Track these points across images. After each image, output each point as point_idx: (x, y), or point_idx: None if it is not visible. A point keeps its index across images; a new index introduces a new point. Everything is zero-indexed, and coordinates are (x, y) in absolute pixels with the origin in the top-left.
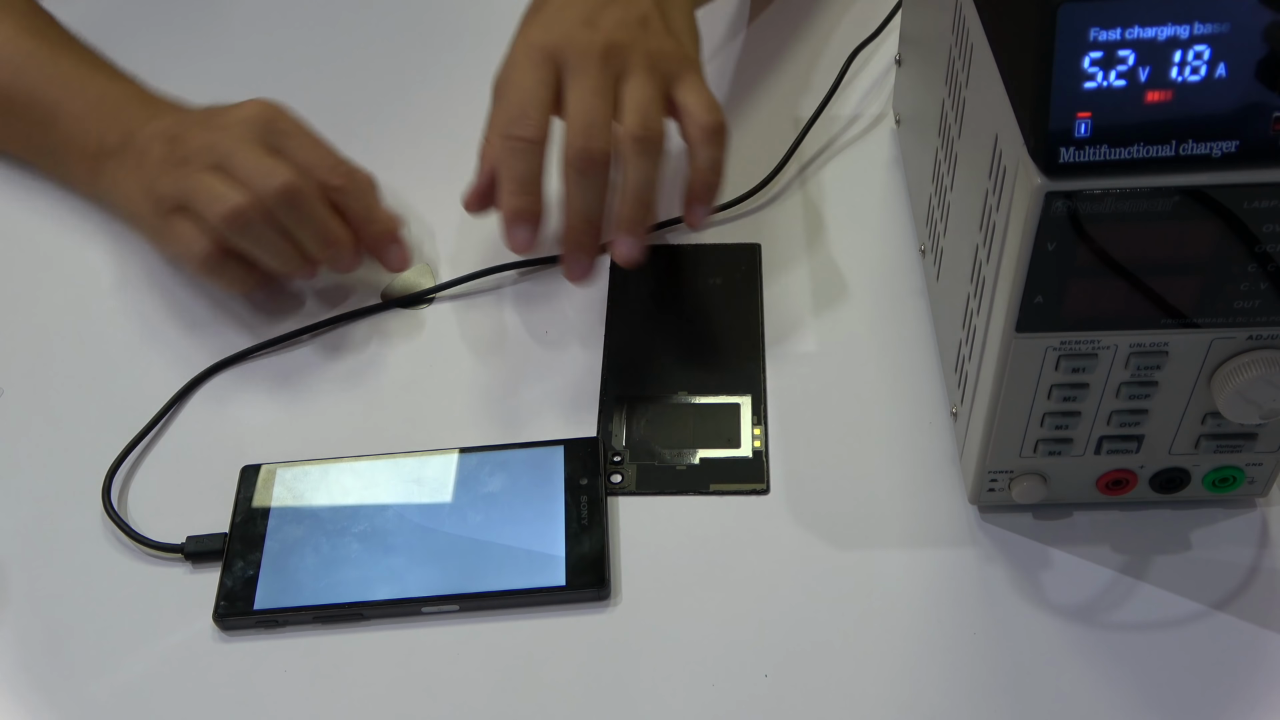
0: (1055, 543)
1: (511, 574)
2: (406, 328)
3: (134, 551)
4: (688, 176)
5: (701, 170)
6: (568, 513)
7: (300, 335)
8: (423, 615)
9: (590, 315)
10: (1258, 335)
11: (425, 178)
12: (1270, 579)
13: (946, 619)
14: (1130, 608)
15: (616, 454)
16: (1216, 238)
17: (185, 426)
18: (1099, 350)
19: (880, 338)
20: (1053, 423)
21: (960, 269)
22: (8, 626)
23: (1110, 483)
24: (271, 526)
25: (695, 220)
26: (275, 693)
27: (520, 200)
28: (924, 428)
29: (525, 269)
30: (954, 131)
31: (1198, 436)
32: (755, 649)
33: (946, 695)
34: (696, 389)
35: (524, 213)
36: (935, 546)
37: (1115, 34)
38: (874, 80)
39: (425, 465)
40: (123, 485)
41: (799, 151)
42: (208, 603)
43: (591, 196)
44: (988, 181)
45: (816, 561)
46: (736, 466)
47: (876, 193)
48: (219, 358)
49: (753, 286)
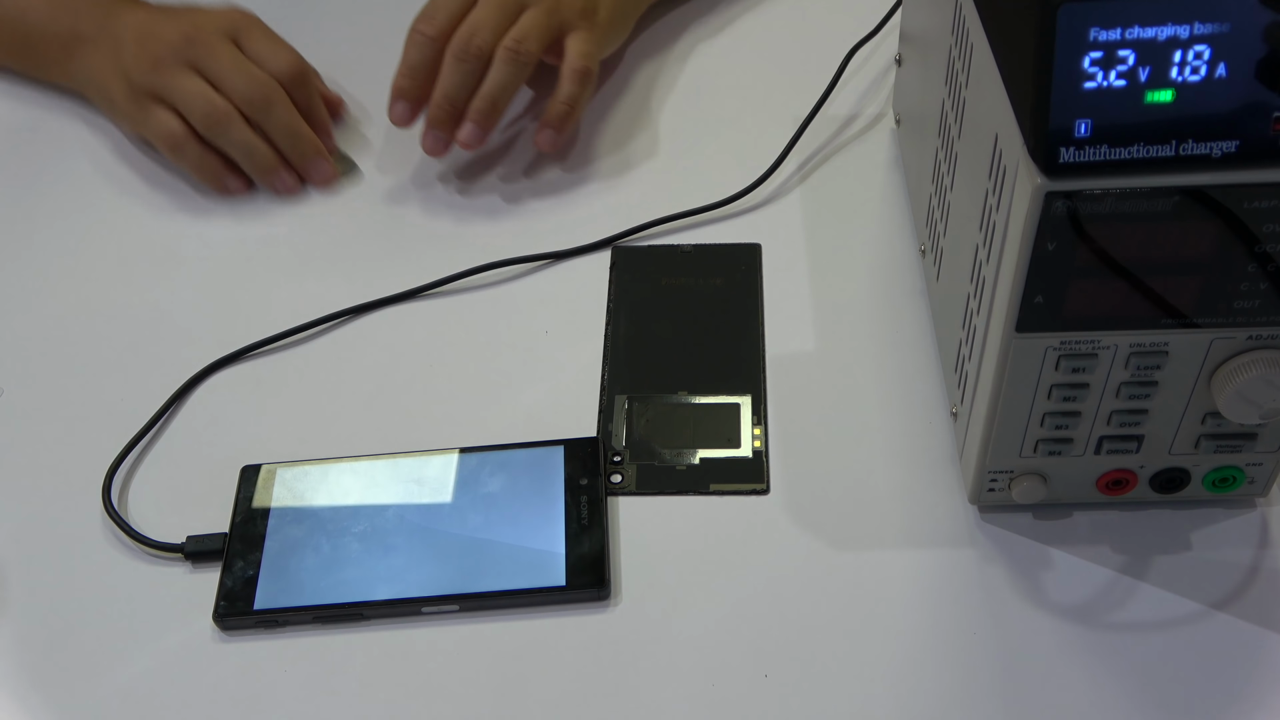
0: (1055, 543)
1: (511, 574)
2: (406, 327)
3: (134, 551)
4: (547, 106)
5: (558, 102)
6: (568, 513)
7: (300, 334)
8: (423, 615)
9: (590, 315)
10: (1258, 335)
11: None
12: (1270, 579)
13: (946, 619)
14: (1130, 608)
15: (616, 454)
16: (1216, 238)
17: (185, 426)
18: (1099, 350)
19: (880, 338)
20: (1053, 423)
21: (960, 269)
22: (8, 626)
23: (1110, 483)
24: (271, 526)
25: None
26: (275, 693)
27: (404, 81)
28: (924, 428)
29: (525, 266)
30: (954, 131)
31: (1198, 436)
32: (755, 649)
33: (946, 695)
34: (696, 389)
35: (405, 91)
36: (935, 546)
37: (1115, 34)
38: (873, 80)
39: (425, 465)
40: (123, 485)
41: (799, 151)
42: (208, 603)
43: (458, 82)
44: (988, 181)
45: (816, 561)
46: (736, 466)
47: (876, 193)
48: (218, 357)
49: (753, 286)
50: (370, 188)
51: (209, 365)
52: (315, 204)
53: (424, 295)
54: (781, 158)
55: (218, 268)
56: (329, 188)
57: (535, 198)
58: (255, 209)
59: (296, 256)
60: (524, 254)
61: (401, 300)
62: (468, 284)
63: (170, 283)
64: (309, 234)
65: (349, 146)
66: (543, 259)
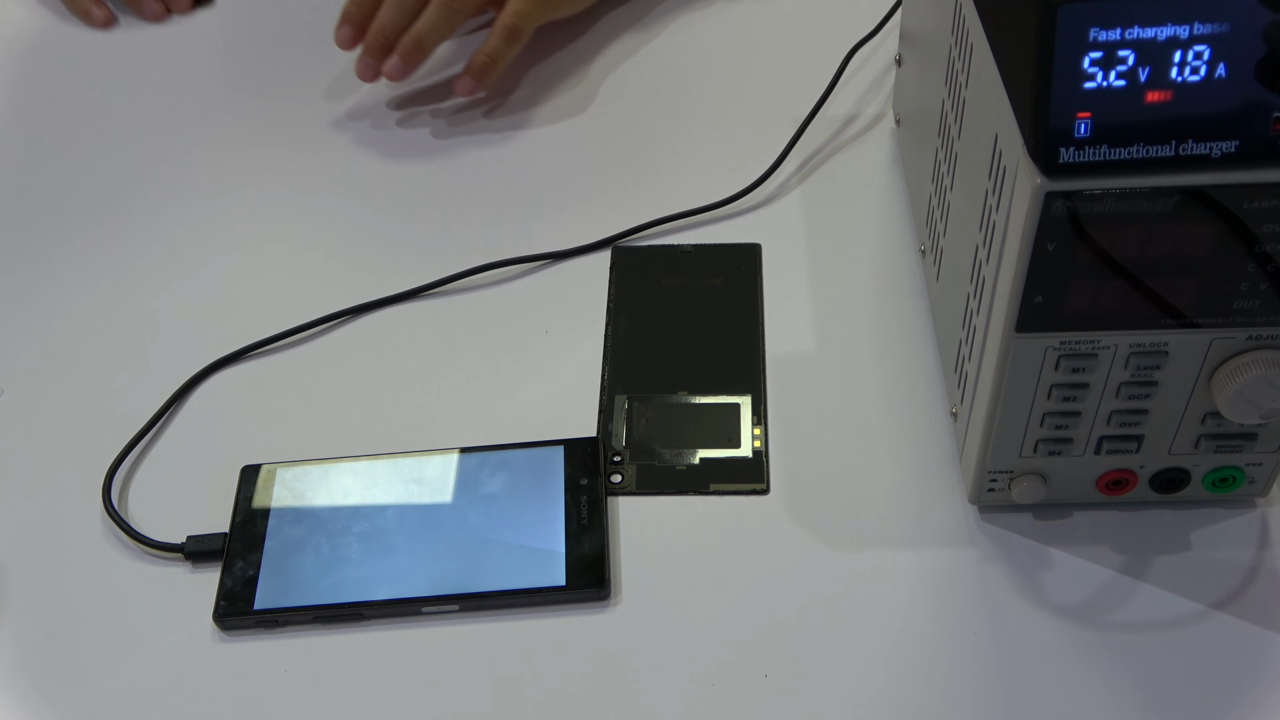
0: (1055, 543)
1: (511, 574)
2: (407, 327)
3: (134, 551)
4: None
5: (481, 54)
6: (568, 513)
7: (300, 334)
8: (423, 615)
9: (591, 314)
10: (1258, 335)
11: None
12: (1270, 579)
13: (946, 619)
14: (1130, 608)
15: (616, 454)
16: (1216, 238)
17: (185, 426)
18: (1099, 350)
19: (880, 338)
20: (1053, 423)
21: (960, 269)
22: (8, 626)
23: (1110, 483)
24: (271, 526)
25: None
26: (275, 693)
27: (353, 8)
28: (924, 428)
29: (525, 266)
30: (954, 131)
31: (1198, 436)
32: (755, 649)
33: (946, 695)
34: (696, 389)
35: (350, 17)
36: (935, 546)
37: (1115, 34)
38: (873, 80)
39: (425, 465)
40: (123, 485)
41: (799, 151)
42: (208, 603)
43: (394, 16)
44: (988, 181)
45: (816, 561)
46: (736, 466)
47: (876, 193)
48: (218, 357)
49: (753, 286)
50: (370, 187)
51: (209, 365)
52: (316, 204)
53: (424, 295)
54: (781, 158)
55: (218, 268)
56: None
57: (535, 198)
58: (256, 209)
59: (296, 256)
60: (524, 254)
61: (401, 300)
62: (468, 284)
63: (170, 283)
64: (309, 234)
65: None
66: (543, 259)
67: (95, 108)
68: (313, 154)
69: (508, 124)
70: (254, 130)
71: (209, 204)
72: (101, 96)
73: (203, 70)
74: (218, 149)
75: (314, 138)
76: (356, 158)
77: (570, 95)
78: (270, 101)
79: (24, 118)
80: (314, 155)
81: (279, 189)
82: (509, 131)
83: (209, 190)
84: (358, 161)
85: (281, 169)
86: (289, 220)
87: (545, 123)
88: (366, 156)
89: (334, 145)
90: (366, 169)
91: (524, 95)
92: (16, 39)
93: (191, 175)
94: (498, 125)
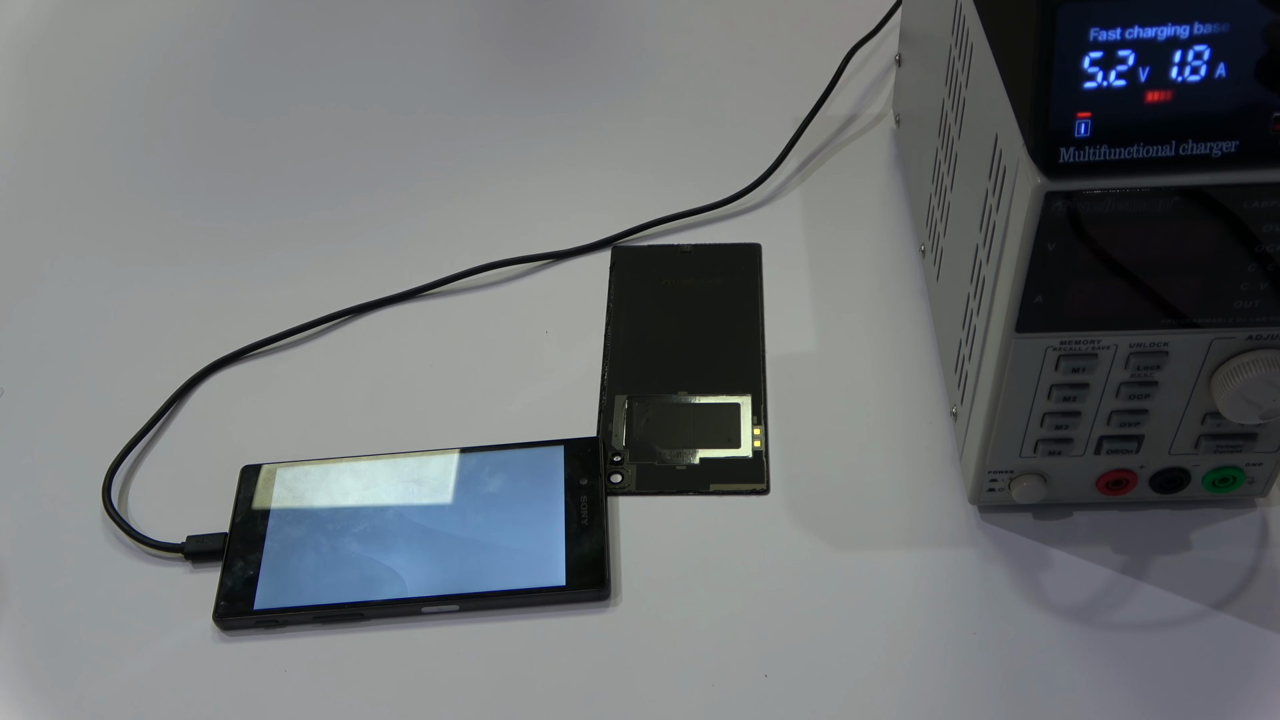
0: (1055, 543)
1: (511, 574)
2: (407, 327)
3: (134, 551)
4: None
5: None
6: (568, 513)
7: (300, 334)
8: (423, 615)
9: (591, 315)
10: (1258, 335)
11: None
12: (1270, 579)
13: (946, 619)
14: (1130, 608)
15: (616, 454)
16: (1216, 238)
17: (185, 426)
18: (1099, 350)
19: (880, 338)
20: (1053, 423)
21: (960, 269)
22: (8, 626)
23: (1110, 483)
24: (271, 526)
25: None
26: (275, 693)
27: None
28: (924, 428)
29: (525, 266)
30: (954, 131)
31: (1198, 436)
32: (755, 649)
33: (946, 695)
34: (696, 389)
35: None
36: (935, 546)
37: (1115, 34)
38: (873, 79)
39: (425, 465)
40: (123, 485)
41: (799, 151)
42: (208, 603)
43: None
44: (988, 181)
45: (816, 561)
46: (736, 466)
47: (876, 192)
48: (218, 357)
49: (753, 286)
50: (370, 187)
51: (209, 365)
52: (315, 204)
53: (424, 295)
54: (781, 158)
55: (217, 268)
56: None
57: (535, 198)
58: (256, 208)
59: (296, 256)
60: (524, 254)
61: (401, 300)
62: (468, 284)
63: (170, 283)
64: (309, 234)
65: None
66: (543, 259)
67: (95, 106)
68: (313, 154)
69: (507, 124)
70: (254, 130)
71: (209, 203)
72: (101, 94)
73: (204, 69)
74: (218, 149)
75: (314, 138)
76: (356, 157)
77: (570, 95)
78: (270, 101)
79: (23, 115)
80: (314, 155)
81: (279, 188)
82: (508, 131)
83: (209, 189)
84: (358, 161)
85: (281, 169)
86: (290, 220)
87: (545, 122)
88: (366, 156)
89: (334, 145)
90: (366, 168)
91: (524, 95)
92: (16, 37)
93: (191, 175)
94: (497, 125)
